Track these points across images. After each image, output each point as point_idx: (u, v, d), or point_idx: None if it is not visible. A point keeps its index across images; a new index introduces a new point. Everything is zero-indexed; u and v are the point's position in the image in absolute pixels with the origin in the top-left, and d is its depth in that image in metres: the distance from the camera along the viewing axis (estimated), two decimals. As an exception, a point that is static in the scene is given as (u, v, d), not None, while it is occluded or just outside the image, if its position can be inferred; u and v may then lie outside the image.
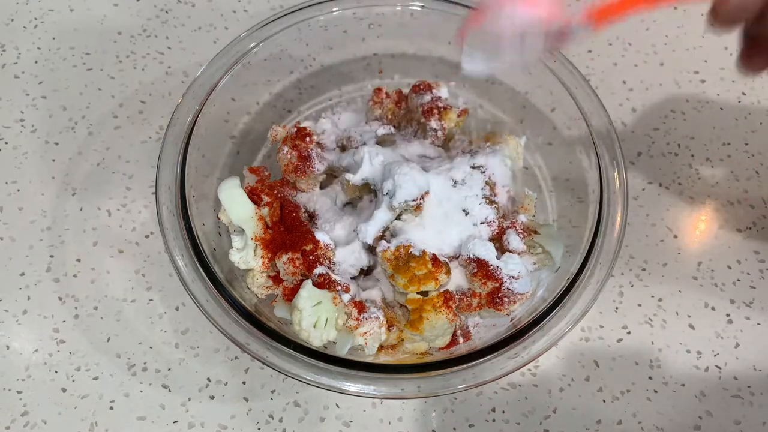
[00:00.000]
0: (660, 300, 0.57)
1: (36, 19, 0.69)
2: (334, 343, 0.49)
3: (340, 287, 0.49)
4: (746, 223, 0.61)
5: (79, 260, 0.57)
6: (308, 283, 0.48)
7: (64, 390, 0.52)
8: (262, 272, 0.51)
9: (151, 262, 0.57)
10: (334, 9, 0.60)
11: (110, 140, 0.63)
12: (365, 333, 0.49)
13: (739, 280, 0.58)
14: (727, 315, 0.56)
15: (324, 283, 0.48)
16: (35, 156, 0.62)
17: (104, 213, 0.59)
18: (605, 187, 0.53)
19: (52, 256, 0.57)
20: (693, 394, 0.53)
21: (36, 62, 0.67)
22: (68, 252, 0.57)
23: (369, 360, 0.49)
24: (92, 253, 0.58)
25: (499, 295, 0.51)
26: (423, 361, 0.49)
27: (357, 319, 0.48)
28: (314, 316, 0.47)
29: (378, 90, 0.60)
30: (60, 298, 0.56)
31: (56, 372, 0.53)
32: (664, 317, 0.56)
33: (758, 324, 0.56)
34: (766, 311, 0.57)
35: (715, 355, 0.55)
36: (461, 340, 0.52)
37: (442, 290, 0.50)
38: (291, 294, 0.49)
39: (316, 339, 0.47)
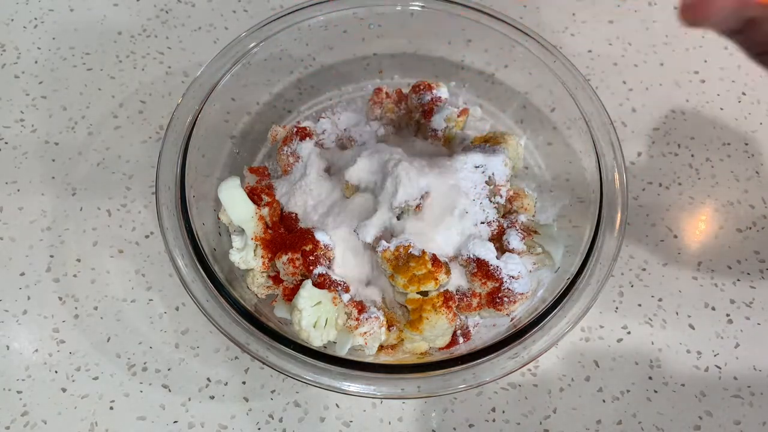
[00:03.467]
0: (660, 300, 0.57)
1: (36, 19, 0.69)
2: (334, 343, 0.49)
3: (340, 287, 0.49)
4: (746, 223, 0.61)
5: (79, 260, 0.57)
6: (308, 283, 0.48)
7: (64, 390, 0.52)
8: (262, 272, 0.51)
9: (151, 262, 0.57)
10: (334, 9, 0.60)
11: (110, 140, 0.63)
12: (365, 333, 0.49)
13: (739, 280, 0.58)
14: (727, 315, 0.56)
15: (324, 283, 0.48)
16: (35, 156, 0.62)
17: (104, 213, 0.59)
18: (605, 187, 0.53)
19: (52, 256, 0.57)
20: (693, 394, 0.53)
21: (36, 62, 0.67)
22: (68, 252, 0.57)
23: (369, 360, 0.49)
24: (92, 253, 0.57)
25: (499, 295, 0.51)
26: (423, 361, 0.49)
27: (357, 319, 0.48)
28: (314, 316, 0.47)
29: (378, 90, 0.60)
30: (60, 298, 0.56)
31: (56, 372, 0.53)
32: (664, 317, 0.56)
33: (758, 324, 0.56)
34: (766, 311, 0.57)
35: (715, 355, 0.55)
36: (461, 340, 0.52)
37: (442, 290, 0.50)
38: (291, 294, 0.49)
39: (316, 339, 0.47)
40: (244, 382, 0.53)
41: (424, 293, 0.49)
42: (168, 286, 0.56)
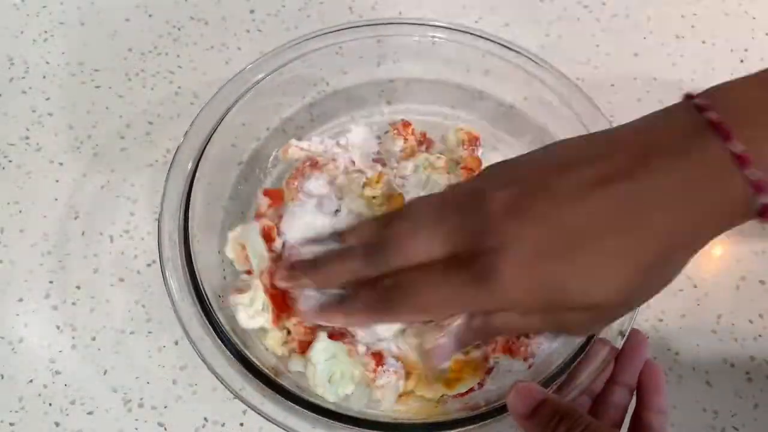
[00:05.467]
0: (677, 354, 0.55)
1: (46, 32, 0.68)
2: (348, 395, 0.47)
3: (356, 337, 0.47)
4: (770, 275, 0.58)
5: (78, 287, 0.56)
6: (323, 335, 0.45)
7: (57, 424, 0.51)
8: (273, 328, 0.48)
9: (151, 293, 0.56)
10: (350, 39, 0.58)
11: (116, 162, 0.61)
12: (382, 386, 0.47)
13: (760, 335, 0.56)
14: (747, 373, 0.54)
15: (339, 334, 0.46)
16: (39, 176, 0.60)
17: (106, 238, 0.58)
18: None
19: (51, 282, 0.56)
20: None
21: (44, 77, 0.65)
22: (68, 278, 0.56)
23: (386, 419, 0.46)
24: (92, 280, 0.56)
25: (516, 342, 0.49)
26: (438, 420, 0.46)
27: (374, 371, 0.46)
28: (329, 370, 0.45)
29: (406, 124, 0.57)
30: (58, 327, 0.54)
31: (50, 405, 0.51)
32: (680, 372, 0.54)
33: (779, 383, 0.54)
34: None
35: (732, 416, 0.52)
36: (476, 387, 0.50)
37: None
38: (306, 346, 0.47)
39: (331, 394, 0.45)
40: (242, 424, 0.51)
41: (466, 352, 0.47)
42: (168, 318, 0.54)
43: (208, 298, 0.47)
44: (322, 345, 0.45)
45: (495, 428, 0.44)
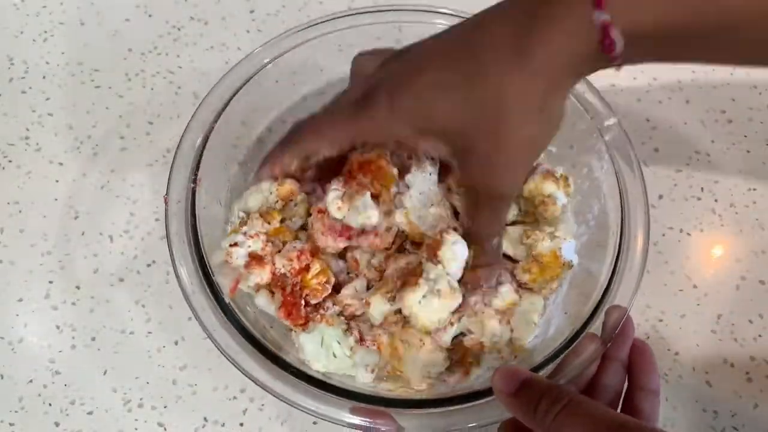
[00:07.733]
0: (677, 354, 0.55)
1: (46, 32, 0.68)
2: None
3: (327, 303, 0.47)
4: (770, 275, 0.58)
5: (78, 288, 0.56)
6: (302, 335, 0.46)
7: (57, 424, 0.51)
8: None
9: (151, 293, 0.56)
10: (348, 26, 0.58)
11: (115, 162, 0.61)
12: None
13: (760, 335, 0.55)
14: (747, 373, 0.54)
15: (305, 319, 0.46)
16: (38, 176, 0.60)
17: (106, 239, 0.58)
18: (626, 231, 0.51)
19: (51, 282, 0.56)
20: (708, 456, 0.51)
21: (44, 77, 0.65)
22: (68, 278, 0.56)
23: (392, 395, 0.47)
24: (92, 280, 0.56)
25: None
26: (429, 397, 0.47)
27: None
28: (327, 348, 0.46)
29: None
30: (57, 327, 0.54)
31: (50, 405, 0.51)
32: (681, 372, 0.54)
33: (779, 384, 0.54)
34: (788, 370, 0.54)
35: (732, 416, 0.52)
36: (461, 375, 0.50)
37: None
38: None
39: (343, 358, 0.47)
40: (241, 424, 0.51)
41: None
42: (167, 318, 0.55)
43: (220, 290, 0.47)
44: (308, 339, 0.46)
45: (480, 412, 0.44)
